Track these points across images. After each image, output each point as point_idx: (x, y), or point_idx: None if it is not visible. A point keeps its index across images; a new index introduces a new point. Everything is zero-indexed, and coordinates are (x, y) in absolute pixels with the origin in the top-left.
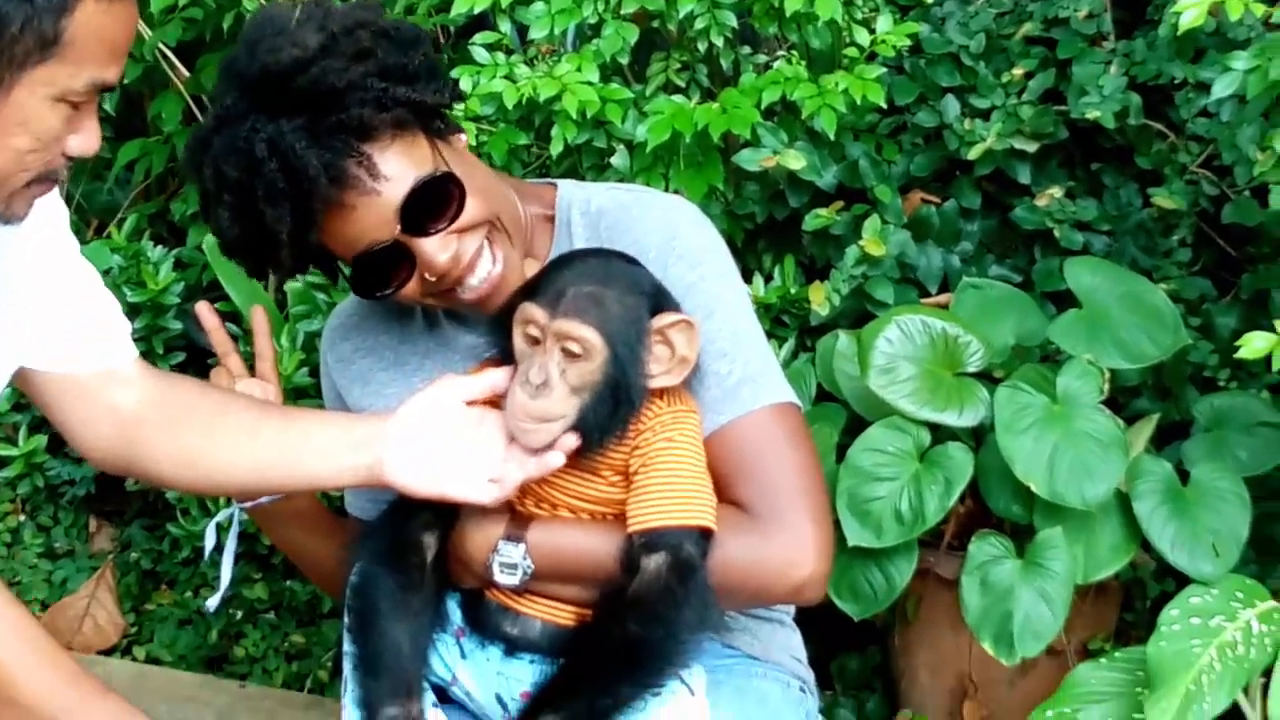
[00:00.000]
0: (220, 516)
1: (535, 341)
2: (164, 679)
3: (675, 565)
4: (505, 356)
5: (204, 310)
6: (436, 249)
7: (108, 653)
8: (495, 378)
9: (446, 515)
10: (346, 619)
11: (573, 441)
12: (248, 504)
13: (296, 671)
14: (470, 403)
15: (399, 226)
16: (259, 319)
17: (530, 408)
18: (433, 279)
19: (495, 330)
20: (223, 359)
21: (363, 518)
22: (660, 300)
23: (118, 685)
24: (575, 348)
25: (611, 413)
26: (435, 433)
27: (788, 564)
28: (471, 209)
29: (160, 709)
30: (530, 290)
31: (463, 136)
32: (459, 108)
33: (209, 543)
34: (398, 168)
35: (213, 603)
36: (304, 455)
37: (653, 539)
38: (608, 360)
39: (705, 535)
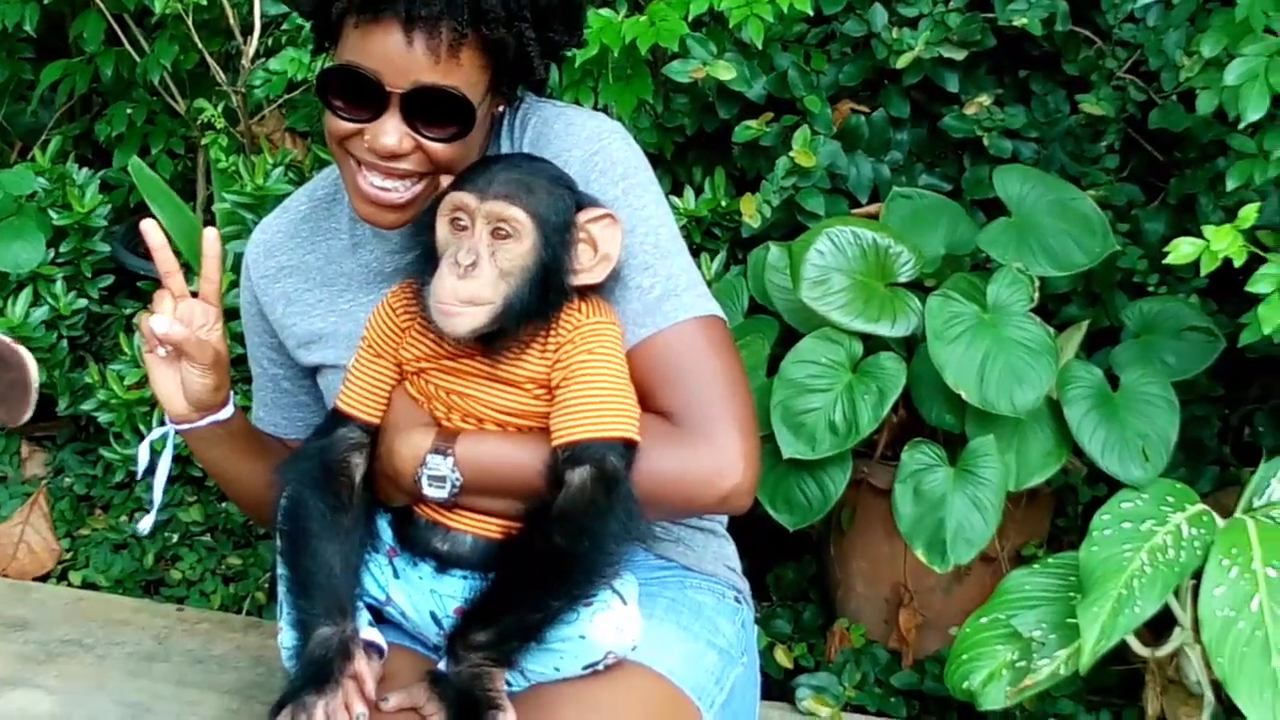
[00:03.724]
0: (153, 436)
1: (463, 228)
2: (100, 604)
3: (599, 477)
4: (426, 264)
5: (150, 228)
6: (394, 134)
7: (43, 578)
8: None
9: (375, 433)
10: (278, 541)
11: None
12: (183, 425)
13: (233, 594)
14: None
15: (399, 91)
16: (211, 242)
17: (459, 289)
18: (365, 144)
19: (417, 231)
20: (165, 279)
21: (276, 434)
22: (583, 200)
23: (54, 611)
24: (506, 228)
25: (538, 301)
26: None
27: (714, 473)
28: (444, 155)
29: (97, 633)
30: (457, 183)
31: (501, 109)
32: None
33: (141, 464)
34: (451, 61)
35: (145, 525)
36: None
37: (576, 452)
38: (537, 243)
39: (629, 446)
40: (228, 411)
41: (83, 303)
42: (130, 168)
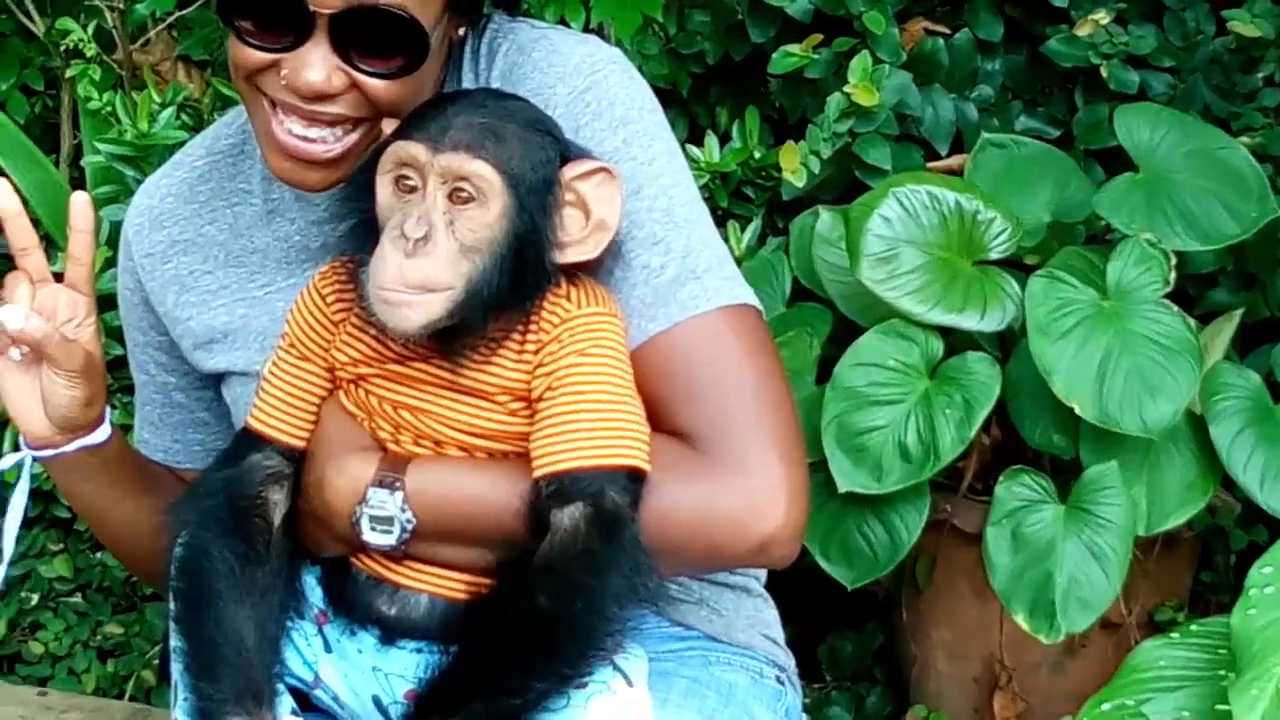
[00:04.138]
0: (4, 464)
1: (410, 189)
2: None
3: (596, 519)
4: (365, 236)
5: (2, 191)
6: (320, 67)
7: None
8: None
9: (299, 461)
10: (171, 604)
11: None
12: (44, 452)
13: (112, 673)
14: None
15: (328, 10)
16: (80, 210)
17: (407, 271)
18: (282, 80)
19: (351, 194)
20: (19, 258)
21: (166, 461)
22: (570, 150)
23: None
24: (467, 189)
25: (511, 285)
26: None
27: (747, 513)
28: (386, 94)
29: None
30: (403, 129)
31: (463, 32)
32: None
33: None
34: None
35: None
36: None
37: (565, 485)
38: (509, 208)
39: (635, 478)
40: (102, 433)
41: None
42: None
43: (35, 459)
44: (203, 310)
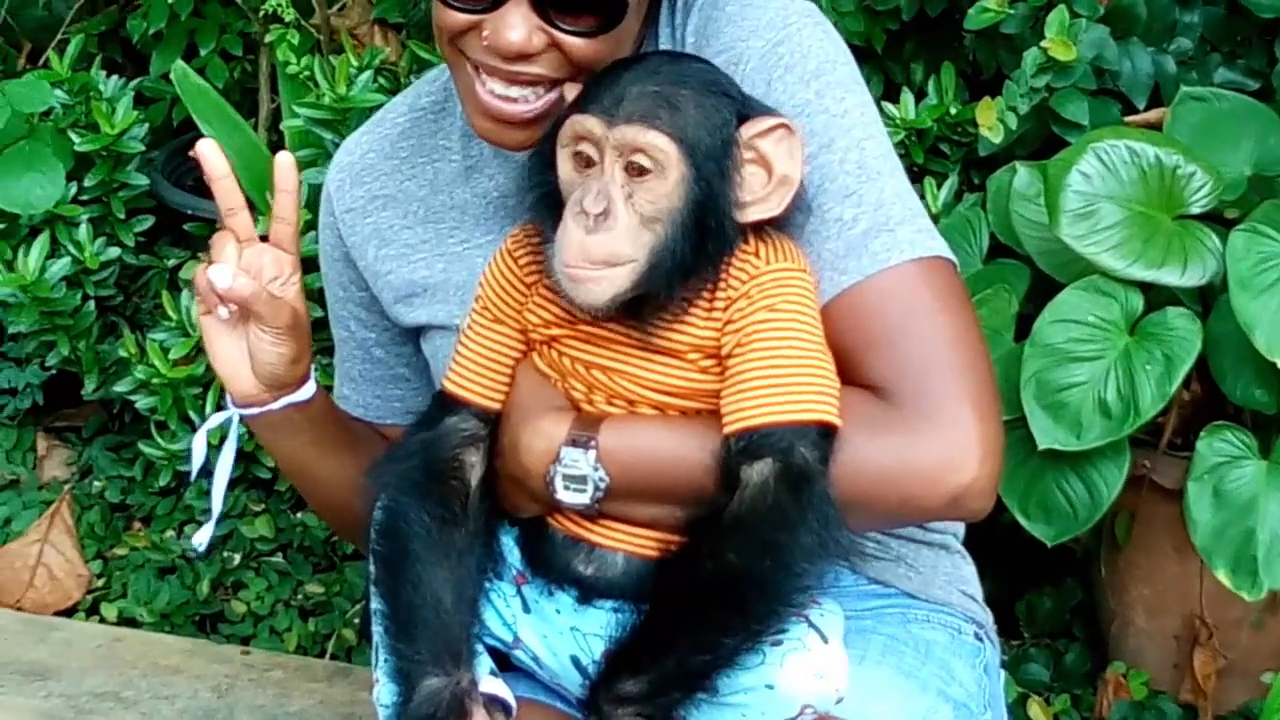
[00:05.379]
0: (210, 425)
1: (589, 163)
2: (142, 645)
3: (785, 475)
4: (550, 208)
5: (208, 150)
6: (521, 27)
7: (68, 612)
8: None
9: (495, 423)
10: (371, 566)
11: None
12: (250, 410)
13: (313, 632)
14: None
15: None
16: (285, 170)
17: (589, 247)
18: (483, 41)
19: (535, 166)
20: (227, 218)
21: (367, 418)
22: (747, 106)
23: (83, 655)
24: (644, 161)
25: (695, 253)
26: None
27: (941, 466)
28: (586, 53)
29: (139, 684)
30: (579, 101)
31: None
32: None
33: (196, 462)
34: None
35: (201, 541)
36: None
37: (755, 442)
38: (686, 176)
39: (826, 433)
40: (308, 390)
41: (114, 252)
42: (173, 75)
43: (242, 418)
44: (402, 264)
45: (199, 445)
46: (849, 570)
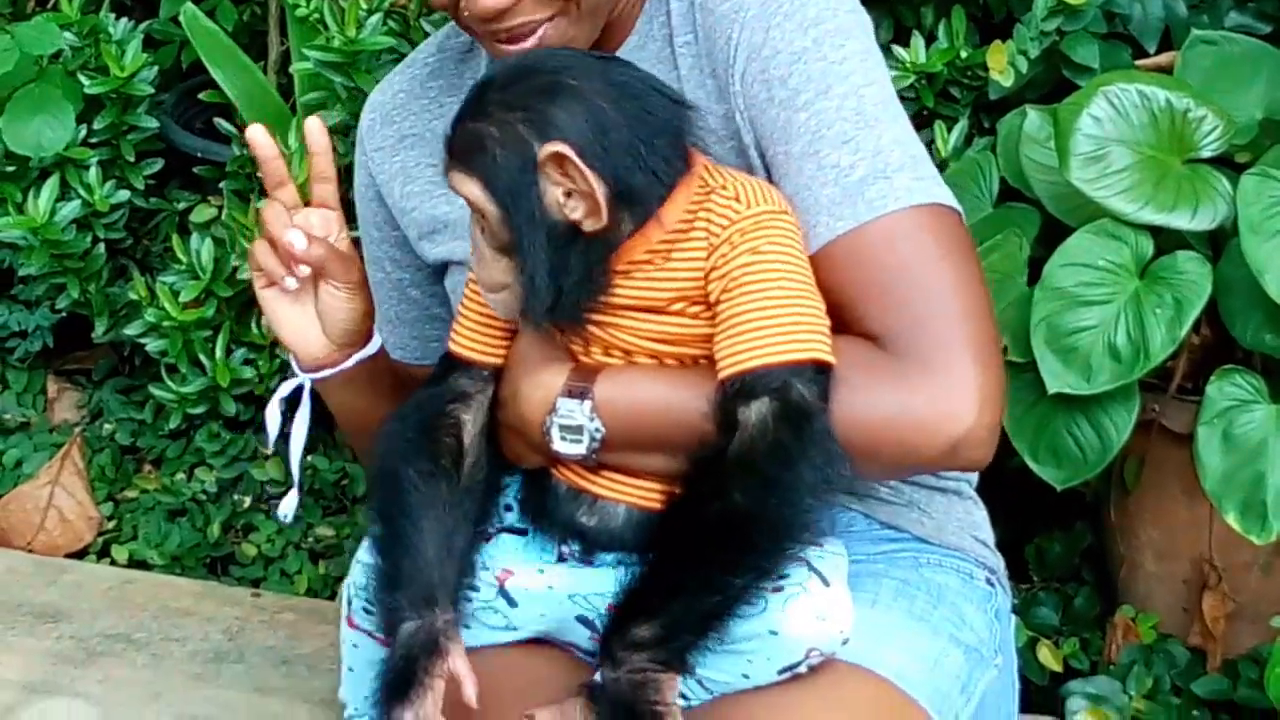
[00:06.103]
0: (283, 393)
1: None
2: (153, 587)
3: (783, 412)
4: None
5: (259, 135)
6: None
7: (79, 555)
8: None
9: (496, 380)
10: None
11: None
12: (322, 372)
13: (325, 574)
14: None
15: None
16: (315, 134)
17: (479, 274)
18: (464, 13)
19: None
20: (273, 192)
21: (405, 358)
22: (548, 125)
23: (94, 597)
24: (470, 202)
25: (558, 275)
26: None
27: (939, 414)
28: None
29: (150, 626)
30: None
31: None
32: None
33: (272, 432)
34: None
35: (287, 510)
36: None
37: (750, 383)
38: (502, 219)
39: (821, 370)
40: (375, 344)
41: (124, 195)
42: (182, 18)
43: (313, 380)
44: (425, 200)
45: (273, 415)
46: (861, 515)
